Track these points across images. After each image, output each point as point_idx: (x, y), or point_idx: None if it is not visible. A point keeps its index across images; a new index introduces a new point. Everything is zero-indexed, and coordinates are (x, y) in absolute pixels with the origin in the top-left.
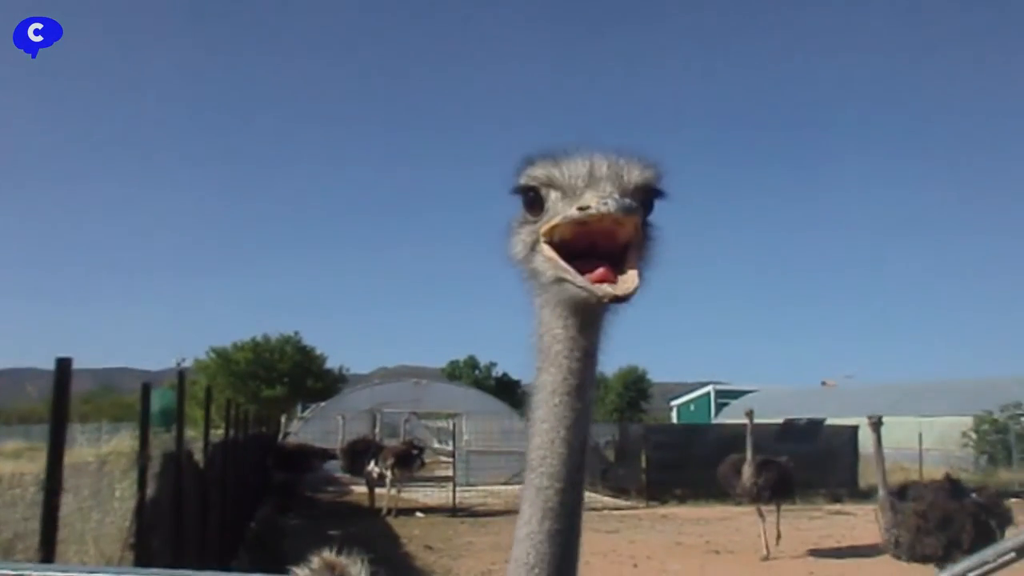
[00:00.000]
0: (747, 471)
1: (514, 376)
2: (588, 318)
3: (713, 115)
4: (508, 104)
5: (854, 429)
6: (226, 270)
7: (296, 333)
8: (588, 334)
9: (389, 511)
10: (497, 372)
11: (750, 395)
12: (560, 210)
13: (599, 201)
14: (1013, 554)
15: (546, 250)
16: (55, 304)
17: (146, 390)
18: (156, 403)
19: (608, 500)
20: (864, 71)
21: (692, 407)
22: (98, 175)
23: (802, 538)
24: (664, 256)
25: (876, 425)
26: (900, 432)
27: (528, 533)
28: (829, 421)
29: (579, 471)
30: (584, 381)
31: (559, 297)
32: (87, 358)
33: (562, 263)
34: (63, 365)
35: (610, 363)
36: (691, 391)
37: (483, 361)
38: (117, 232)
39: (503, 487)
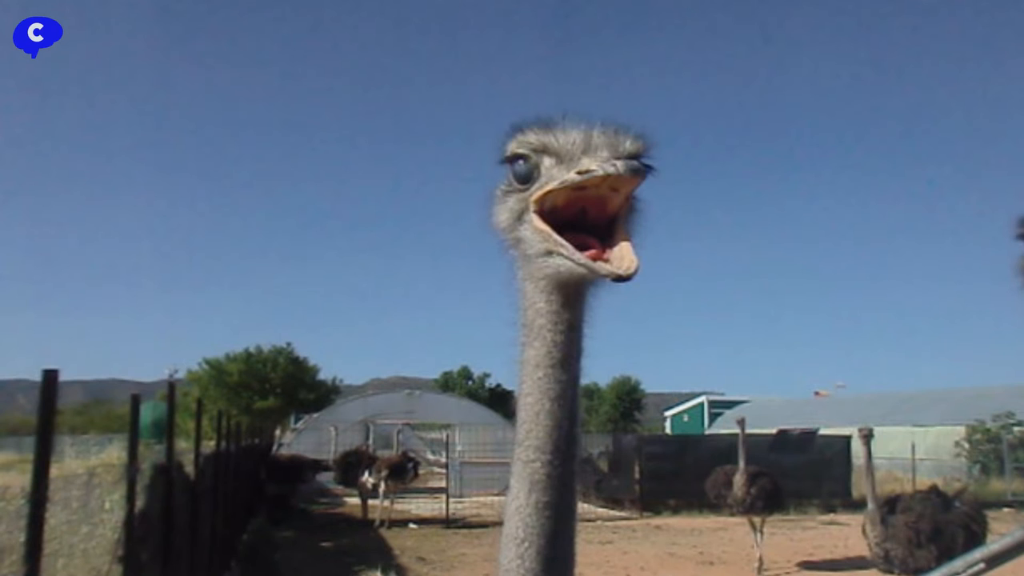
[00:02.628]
0: (739, 481)
1: (508, 387)
2: (572, 293)
3: (702, 128)
4: (502, 112)
5: (847, 439)
6: (219, 281)
7: (289, 344)
8: (572, 308)
9: (382, 523)
10: (491, 383)
11: (743, 405)
12: (556, 176)
13: (602, 163)
14: (983, 564)
15: (536, 220)
16: (46, 315)
17: (135, 402)
18: (148, 415)
19: (601, 511)
20: (858, 75)
21: (686, 417)
22: (89, 185)
23: (795, 549)
24: (648, 229)
25: (867, 438)
26: (893, 442)
27: (517, 507)
28: (822, 431)
29: (568, 444)
30: (569, 354)
31: (546, 271)
32: (79, 370)
33: (557, 236)
34: (49, 377)
35: (603, 373)
36: (685, 401)
37: (476, 372)
38: (109, 243)
39: (496, 498)
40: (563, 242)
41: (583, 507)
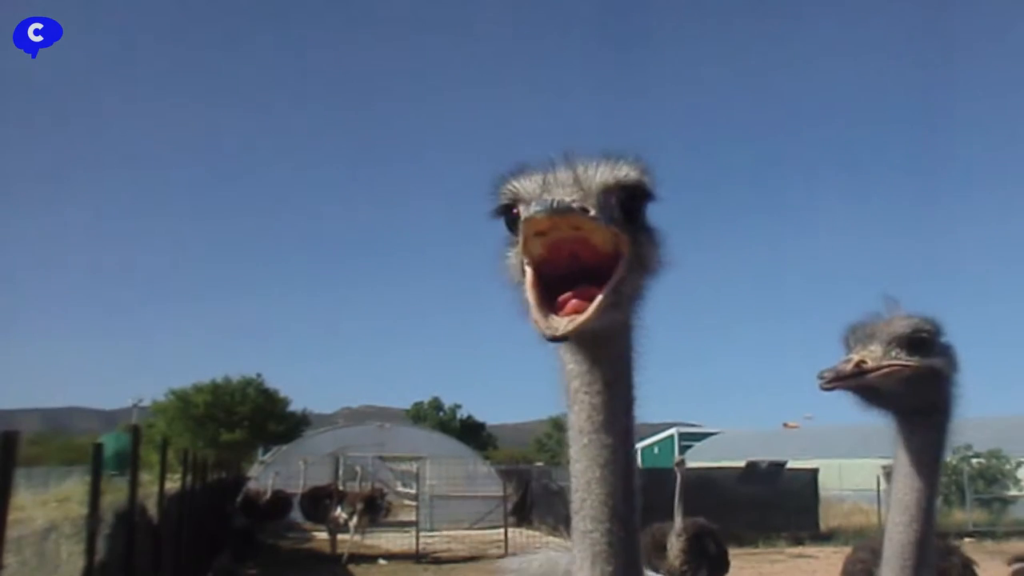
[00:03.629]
0: (674, 544)
1: (479, 419)
2: (596, 348)
3: (667, 164)
4: (480, 136)
5: (815, 472)
6: (186, 309)
7: (259, 375)
8: (604, 364)
9: (350, 558)
10: (462, 414)
11: (713, 437)
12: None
13: (532, 207)
14: None
15: (528, 274)
16: (1, 340)
17: (98, 452)
18: (111, 446)
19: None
20: (805, 102)
21: (656, 450)
22: (52, 203)
23: None
24: (671, 262)
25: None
26: (860, 474)
27: None
28: (791, 464)
29: (627, 507)
30: (611, 415)
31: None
32: (36, 397)
33: (530, 293)
34: (9, 440)
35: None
36: (655, 433)
37: (447, 403)
38: (70, 264)
39: (467, 532)
40: (530, 296)
41: (555, 541)
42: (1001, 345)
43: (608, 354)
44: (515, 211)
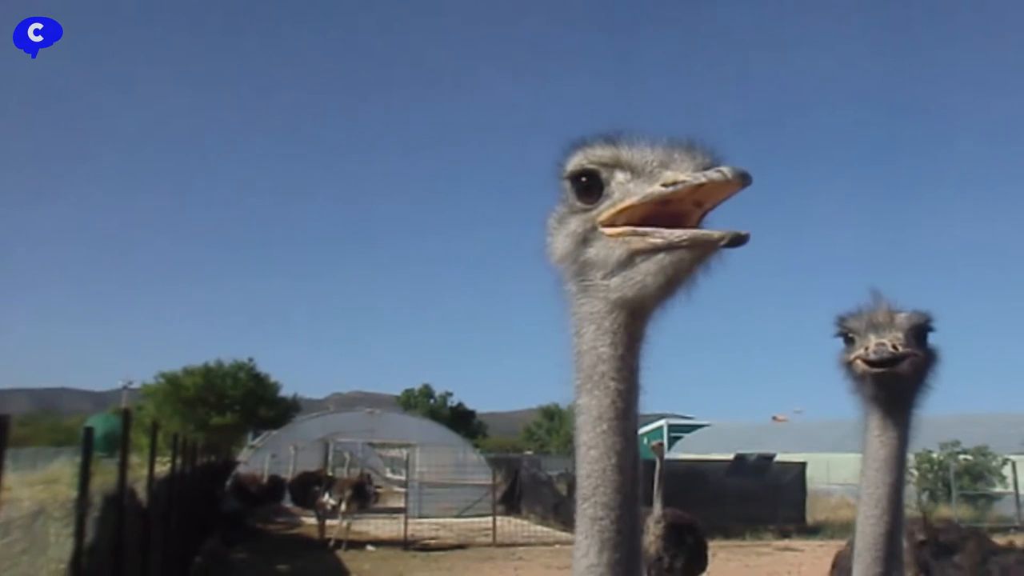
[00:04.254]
0: (652, 531)
1: (469, 406)
2: (639, 327)
3: None
4: (473, 127)
5: (803, 465)
6: (178, 292)
7: (250, 359)
8: (638, 348)
9: (338, 543)
10: (452, 402)
11: (702, 430)
12: (634, 191)
13: (700, 172)
14: None
15: (609, 231)
16: None
17: (88, 435)
18: (99, 428)
19: (561, 535)
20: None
21: (645, 440)
22: (41, 186)
23: (750, 575)
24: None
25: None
26: (847, 468)
27: (588, 566)
28: (779, 457)
29: (633, 493)
30: (631, 402)
31: (625, 290)
32: (25, 377)
33: (642, 228)
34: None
35: (565, 393)
36: (644, 424)
37: (438, 390)
38: (62, 245)
39: (455, 520)
40: (651, 228)
41: (542, 531)
42: (989, 343)
43: (645, 335)
44: (599, 177)
